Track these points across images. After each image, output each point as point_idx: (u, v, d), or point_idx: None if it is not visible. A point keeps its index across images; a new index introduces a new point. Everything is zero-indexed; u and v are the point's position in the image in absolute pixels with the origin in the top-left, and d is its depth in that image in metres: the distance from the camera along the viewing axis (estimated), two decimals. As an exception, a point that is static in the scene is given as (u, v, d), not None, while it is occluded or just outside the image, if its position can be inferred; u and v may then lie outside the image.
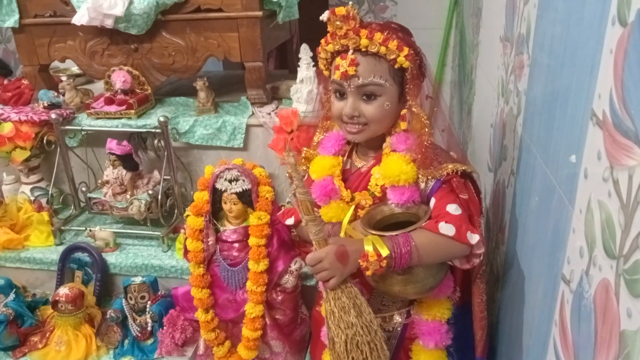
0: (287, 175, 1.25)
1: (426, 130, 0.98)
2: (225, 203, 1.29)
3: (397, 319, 1.09)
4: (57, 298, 1.47)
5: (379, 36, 0.93)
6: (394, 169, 0.97)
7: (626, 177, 0.54)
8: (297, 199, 0.91)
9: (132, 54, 1.80)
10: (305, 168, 1.15)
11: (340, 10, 0.94)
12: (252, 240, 1.27)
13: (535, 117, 0.95)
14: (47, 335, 1.50)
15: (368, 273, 0.89)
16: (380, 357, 0.92)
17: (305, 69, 1.72)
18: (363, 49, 0.95)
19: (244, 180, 1.27)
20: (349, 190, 1.05)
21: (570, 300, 0.70)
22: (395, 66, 0.96)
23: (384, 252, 0.89)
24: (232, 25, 1.71)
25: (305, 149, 1.18)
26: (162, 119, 1.61)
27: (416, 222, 0.95)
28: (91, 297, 1.58)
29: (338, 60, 0.98)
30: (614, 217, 0.56)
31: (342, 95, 1.00)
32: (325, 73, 1.05)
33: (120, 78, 1.75)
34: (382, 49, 0.94)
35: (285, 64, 2.49)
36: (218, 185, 1.28)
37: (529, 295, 0.94)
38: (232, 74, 2.39)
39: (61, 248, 1.67)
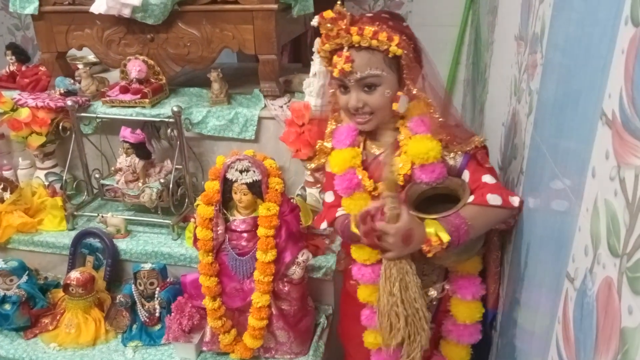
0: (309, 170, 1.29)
1: (432, 109, 1.05)
2: (235, 193, 1.31)
3: (433, 293, 1.15)
4: (68, 281, 1.50)
5: (368, 31, 0.99)
6: (421, 147, 1.03)
7: (632, 176, 0.54)
8: (384, 175, 0.96)
9: (148, 43, 1.82)
10: (323, 160, 1.20)
11: (329, 14, 1.01)
12: (260, 231, 1.29)
13: (546, 117, 0.95)
14: (58, 318, 1.54)
15: (429, 255, 0.97)
16: (418, 333, 1.00)
17: (318, 63, 1.72)
18: (356, 45, 1.01)
19: (254, 171, 1.29)
20: (371, 180, 1.10)
21: (573, 297, 0.71)
22: (389, 55, 1.02)
23: (445, 237, 0.95)
24: (248, 17, 1.72)
25: (320, 141, 1.22)
26: (175, 109, 1.63)
27: (450, 194, 1.04)
28: (101, 282, 1.61)
29: (335, 58, 1.04)
30: (619, 216, 0.57)
31: (345, 88, 1.06)
32: (329, 69, 1.11)
33: (135, 67, 1.78)
34: (374, 42, 1.00)
35: (299, 58, 2.50)
36: (229, 176, 1.30)
37: (533, 292, 0.95)
38: (246, 67, 2.41)
39: (73, 233, 1.70)
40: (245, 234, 1.33)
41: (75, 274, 1.51)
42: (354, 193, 1.09)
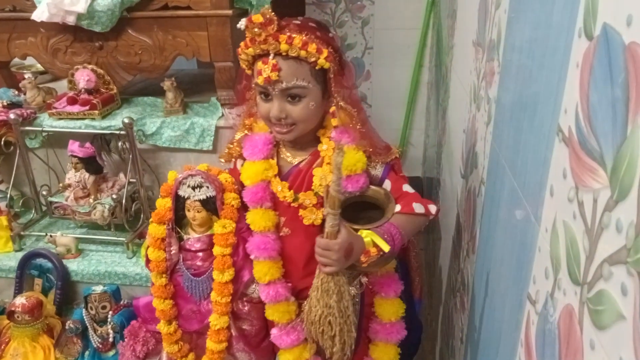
0: None
1: (354, 120, 1.06)
2: (188, 210, 1.24)
3: (352, 289, 1.16)
4: (13, 308, 1.41)
5: (298, 40, 0.96)
6: (350, 159, 1.02)
7: (591, 199, 0.51)
8: (327, 191, 0.92)
9: (97, 52, 1.73)
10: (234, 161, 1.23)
11: (258, 18, 0.96)
12: (216, 250, 1.22)
13: (504, 127, 0.92)
14: (2, 347, 1.44)
15: (364, 265, 0.98)
16: (348, 338, 1.03)
17: (276, 70, 1.67)
18: (283, 53, 0.97)
19: (208, 187, 1.22)
20: (291, 191, 1.10)
21: (535, 321, 0.67)
22: (317, 67, 1.00)
23: (386, 247, 0.97)
24: (201, 23, 1.65)
25: (229, 145, 1.22)
26: (126, 120, 1.55)
27: (372, 202, 1.07)
28: (51, 307, 1.52)
29: (260, 64, 0.99)
30: (579, 241, 0.53)
31: (267, 96, 1.03)
32: (248, 72, 1.06)
33: (84, 77, 1.68)
34: (302, 53, 0.97)
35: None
36: (181, 192, 1.23)
37: (496, 310, 0.92)
38: (205, 73, 2.33)
39: (20, 254, 1.60)
40: (200, 253, 1.26)
41: (20, 300, 1.42)
42: (261, 207, 1.10)
